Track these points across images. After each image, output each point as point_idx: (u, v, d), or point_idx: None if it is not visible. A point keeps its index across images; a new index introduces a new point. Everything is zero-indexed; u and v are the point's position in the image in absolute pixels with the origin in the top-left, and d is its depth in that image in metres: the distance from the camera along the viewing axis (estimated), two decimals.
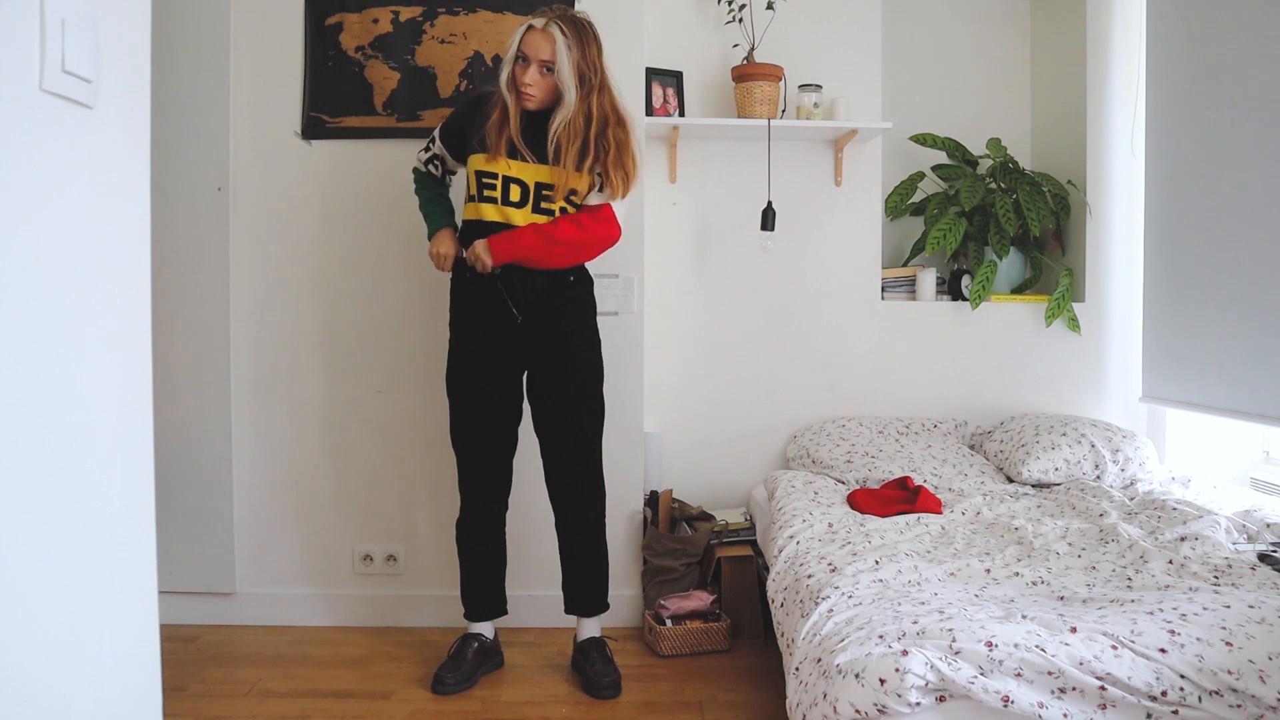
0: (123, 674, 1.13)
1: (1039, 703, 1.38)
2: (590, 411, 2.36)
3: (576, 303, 2.34)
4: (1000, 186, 3.04)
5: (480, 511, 2.39)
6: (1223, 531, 2.07)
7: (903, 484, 2.55)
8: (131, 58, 1.14)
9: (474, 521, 2.39)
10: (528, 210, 2.23)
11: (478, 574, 2.42)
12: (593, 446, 2.37)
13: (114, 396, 1.11)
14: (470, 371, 2.32)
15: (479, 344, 2.31)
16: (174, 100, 2.65)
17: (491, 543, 2.43)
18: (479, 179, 2.24)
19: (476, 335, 2.32)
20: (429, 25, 2.76)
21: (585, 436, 2.35)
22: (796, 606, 1.85)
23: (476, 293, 2.30)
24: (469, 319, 2.33)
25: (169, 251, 2.63)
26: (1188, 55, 2.65)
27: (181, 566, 2.71)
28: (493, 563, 2.44)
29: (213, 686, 2.33)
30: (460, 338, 2.34)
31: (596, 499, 2.40)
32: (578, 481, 2.36)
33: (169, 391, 2.65)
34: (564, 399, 2.33)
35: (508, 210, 2.23)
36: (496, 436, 2.35)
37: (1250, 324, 2.41)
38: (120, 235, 1.12)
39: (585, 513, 2.39)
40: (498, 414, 2.34)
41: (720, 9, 2.92)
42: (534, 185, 2.23)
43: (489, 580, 2.44)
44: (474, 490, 2.38)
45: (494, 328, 2.30)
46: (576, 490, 2.37)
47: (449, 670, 2.34)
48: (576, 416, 2.34)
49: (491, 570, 2.44)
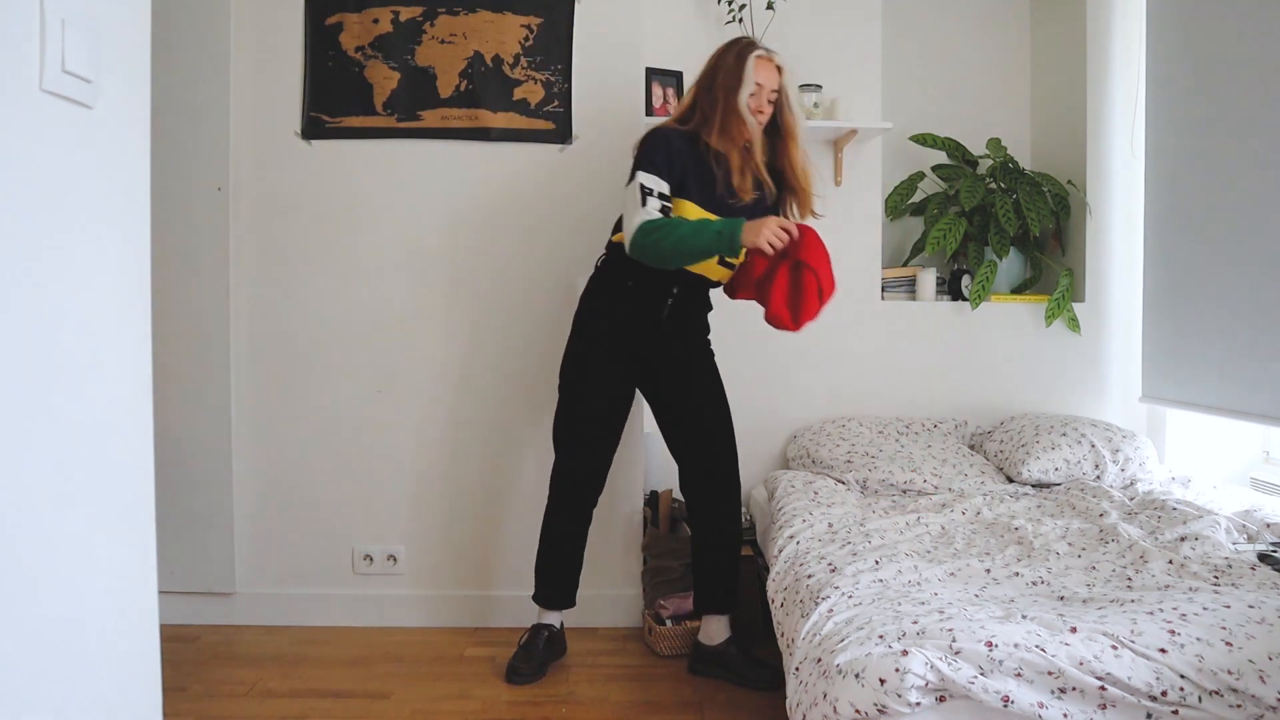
0: (123, 674, 1.13)
1: (1039, 703, 1.38)
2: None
3: (705, 326, 2.50)
4: (1000, 186, 3.04)
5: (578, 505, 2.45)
6: (1223, 531, 2.07)
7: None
8: (131, 58, 1.14)
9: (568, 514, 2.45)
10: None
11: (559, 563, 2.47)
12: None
13: (114, 396, 1.11)
14: (597, 375, 2.37)
15: (613, 350, 2.36)
16: (174, 100, 2.65)
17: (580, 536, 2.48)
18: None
19: (613, 341, 2.36)
20: (429, 25, 2.76)
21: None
22: (796, 606, 1.85)
23: (632, 300, 2.33)
24: (613, 323, 2.36)
25: (169, 251, 2.63)
26: (1188, 55, 2.65)
27: (181, 566, 2.71)
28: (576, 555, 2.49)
29: (213, 686, 2.33)
30: (595, 339, 2.37)
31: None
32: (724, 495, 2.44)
33: (169, 391, 2.65)
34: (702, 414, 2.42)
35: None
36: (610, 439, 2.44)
37: (1250, 324, 2.41)
38: (120, 235, 1.12)
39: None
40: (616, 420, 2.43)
41: (720, 9, 2.92)
42: None
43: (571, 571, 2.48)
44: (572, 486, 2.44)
45: (634, 335, 2.35)
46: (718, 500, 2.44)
47: (522, 660, 2.37)
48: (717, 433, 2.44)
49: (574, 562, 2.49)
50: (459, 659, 2.54)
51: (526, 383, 2.81)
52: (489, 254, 2.81)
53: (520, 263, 2.81)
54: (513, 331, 2.81)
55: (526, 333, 2.81)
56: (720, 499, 2.41)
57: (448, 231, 2.79)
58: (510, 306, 2.81)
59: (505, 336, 2.81)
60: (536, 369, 2.80)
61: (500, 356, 2.82)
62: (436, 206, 2.79)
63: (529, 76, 2.77)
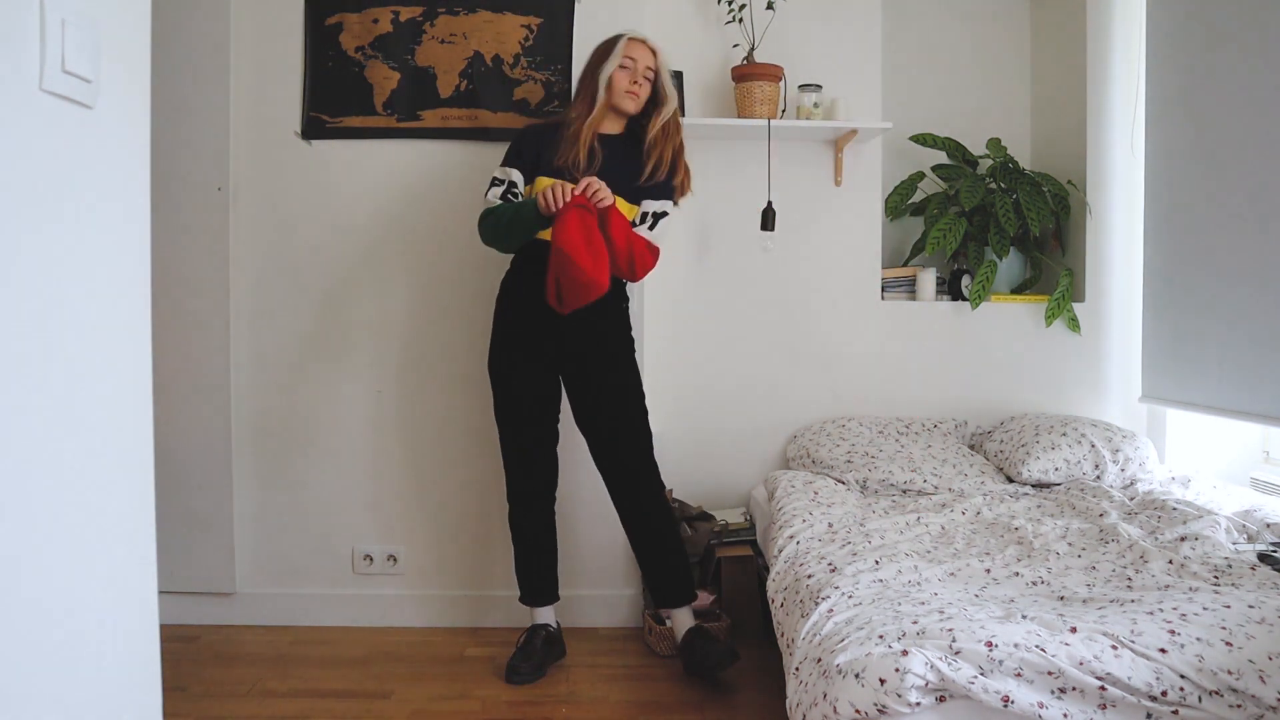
0: (123, 674, 1.13)
1: (1039, 703, 1.38)
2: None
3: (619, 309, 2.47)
4: (1000, 186, 3.04)
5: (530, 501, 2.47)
6: (1223, 531, 2.07)
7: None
8: (131, 58, 1.14)
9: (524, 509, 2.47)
10: None
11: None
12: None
13: (114, 396, 1.11)
14: (508, 364, 2.40)
15: (520, 338, 2.39)
16: (174, 100, 2.65)
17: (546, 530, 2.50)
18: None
19: (520, 329, 2.39)
20: (429, 25, 2.76)
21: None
22: (796, 606, 1.85)
23: (527, 285, 2.35)
24: (516, 311, 2.40)
25: (169, 251, 2.62)
26: (1187, 55, 2.65)
27: (181, 566, 2.71)
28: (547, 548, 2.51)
29: (213, 686, 2.33)
30: (504, 330, 2.42)
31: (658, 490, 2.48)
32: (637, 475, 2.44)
33: (169, 391, 2.65)
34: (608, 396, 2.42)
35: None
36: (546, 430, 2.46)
37: (1250, 324, 2.41)
38: (120, 235, 1.12)
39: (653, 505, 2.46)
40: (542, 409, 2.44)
41: (720, 9, 2.92)
42: None
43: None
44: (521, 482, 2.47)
45: (537, 322, 2.35)
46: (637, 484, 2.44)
47: (522, 660, 2.37)
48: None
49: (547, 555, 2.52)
50: (459, 659, 2.54)
51: None
52: (489, 254, 2.80)
53: None
54: None
55: None
56: (631, 496, 2.42)
57: (448, 231, 2.79)
58: None
59: None
60: None
61: None
62: (436, 206, 2.79)
63: (529, 76, 2.78)
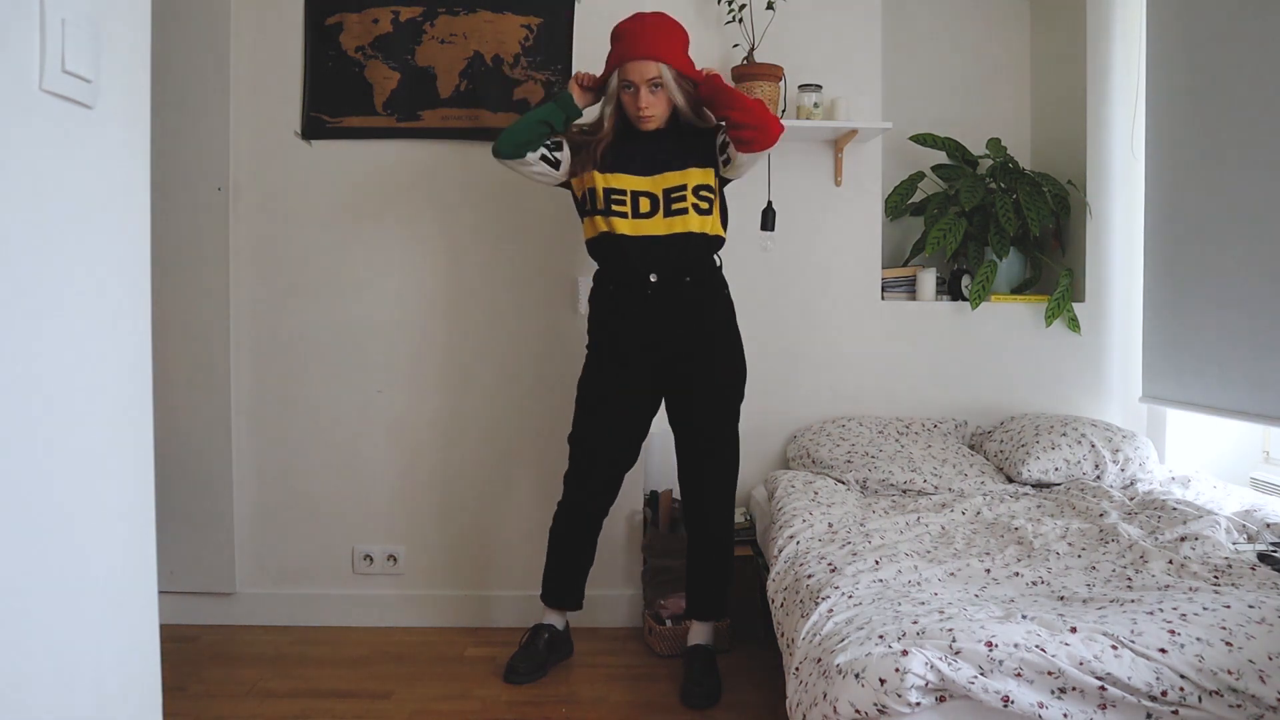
0: (123, 674, 1.13)
1: (1039, 703, 1.38)
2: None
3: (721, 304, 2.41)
4: (1000, 186, 3.04)
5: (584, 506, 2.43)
6: (1223, 531, 2.06)
7: None
8: (131, 58, 1.14)
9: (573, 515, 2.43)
10: (659, 218, 2.27)
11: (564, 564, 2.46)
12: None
13: (114, 396, 1.11)
14: (603, 384, 2.35)
15: (618, 371, 2.34)
16: (174, 100, 2.65)
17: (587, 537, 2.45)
18: (607, 196, 2.26)
19: (618, 358, 2.34)
20: (429, 25, 2.76)
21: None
22: (796, 606, 1.85)
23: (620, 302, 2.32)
24: (610, 330, 2.36)
25: (169, 251, 2.63)
26: (1188, 55, 2.65)
27: (181, 566, 2.71)
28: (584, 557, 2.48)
29: (213, 686, 2.33)
30: (597, 350, 2.38)
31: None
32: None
33: (169, 391, 2.65)
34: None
35: (639, 223, 2.28)
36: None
37: (1250, 324, 2.40)
38: (120, 235, 1.12)
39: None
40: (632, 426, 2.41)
41: (720, 9, 2.92)
42: (661, 192, 2.28)
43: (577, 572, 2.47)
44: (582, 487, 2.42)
45: (634, 335, 2.32)
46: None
47: (522, 660, 2.37)
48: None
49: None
50: (459, 659, 2.54)
51: (527, 382, 2.81)
52: (489, 254, 2.81)
53: (521, 262, 2.81)
54: (513, 331, 2.81)
55: (527, 332, 2.81)
56: (699, 508, 2.39)
57: (448, 231, 2.79)
58: (511, 306, 2.81)
59: (505, 336, 2.82)
60: (537, 369, 2.80)
61: (500, 356, 2.82)
62: (436, 207, 2.79)
63: (529, 76, 2.78)
